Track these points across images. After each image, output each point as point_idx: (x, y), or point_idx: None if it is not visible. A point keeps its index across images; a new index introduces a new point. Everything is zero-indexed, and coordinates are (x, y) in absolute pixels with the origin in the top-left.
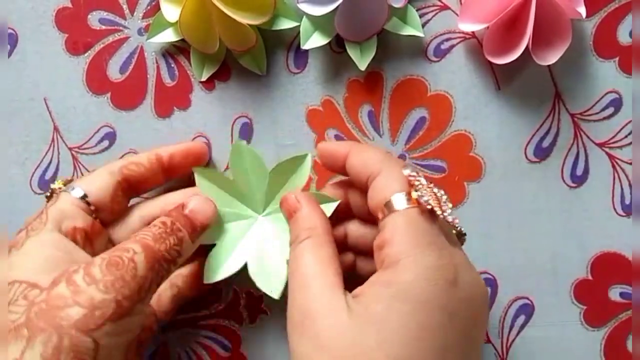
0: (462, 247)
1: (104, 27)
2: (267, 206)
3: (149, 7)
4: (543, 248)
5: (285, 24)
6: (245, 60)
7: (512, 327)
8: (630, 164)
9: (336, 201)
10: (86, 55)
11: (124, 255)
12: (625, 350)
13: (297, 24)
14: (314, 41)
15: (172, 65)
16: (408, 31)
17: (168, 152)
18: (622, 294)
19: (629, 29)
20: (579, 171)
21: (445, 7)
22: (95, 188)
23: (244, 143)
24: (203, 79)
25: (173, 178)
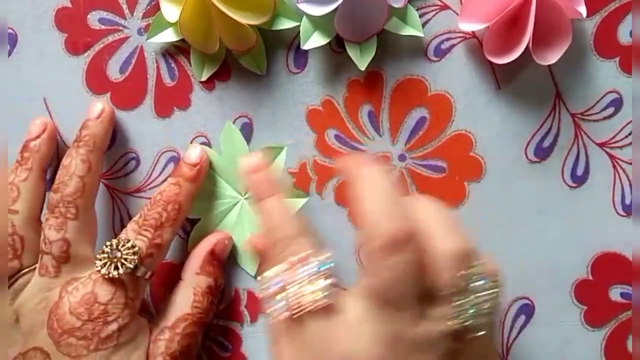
0: None
1: (104, 27)
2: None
3: (149, 7)
4: (543, 248)
5: (285, 24)
6: (245, 60)
7: (513, 328)
8: (630, 164)
9: (305, 197)
10: (86, 55)
11: None
12: (625, 350)
13: (297, 24)
14: (314, 41)
15: (172, 65)
16: (408, 31)
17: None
18: (623, 294)
19: (630, 29)
20: (580, 171)
21: (445, 7)
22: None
23: (233, 125)
24: (203, 79)
25: None
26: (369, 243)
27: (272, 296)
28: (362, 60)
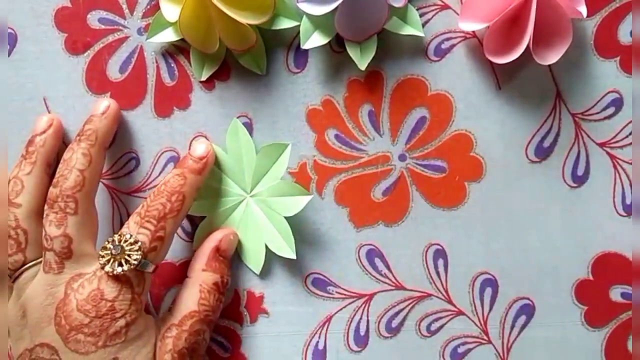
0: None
1: (104, 27)
2: (254, 188)
3: (149, 7)
4: (544, 248)
5: (285, 24)
6: (245, 59)
7: (513, 328)
8: (631, 164)
9: (309, 195)
10: (86, 54)
11: None
12: (626, 350)
13: (297, 24)
14: (314, 41)
15: (172, 65)
16: (408, 31)
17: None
18: (623, 295)
19: (630, 29)
20: (580, 171)
21: (445, 7)
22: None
23: (240, 122)
24: (203, 79)
25: None
26: None
27: None
28: (362, 59)
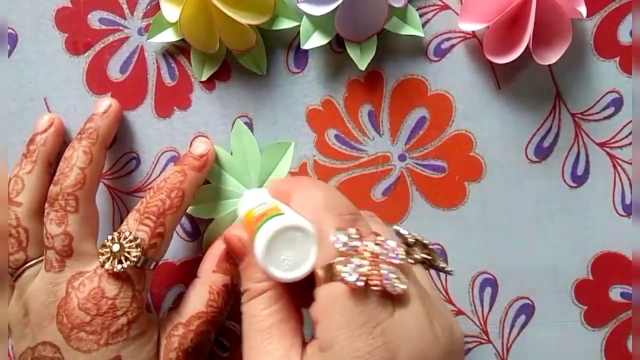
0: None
1: (104, 27)
2: (260, 187)
3: (149, 7)
4: (543, 248)
5: (285, 24)
6: (245, 60)
7: (513, 327)
8: (630, 164)
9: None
10: (86, 55)
11: None
12: (625, 350)
13: (297, 24)
14: (314, 41)
15: (173, 65)
16: (408, 31)
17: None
18: (623, 294)
19: (630, 29)
20: (580, 171)
21: (445, 7)
22: None
23: (243, 123)
24: (203, 79)
25: None
26: None
27: (348, 255)
28: (362, 60)
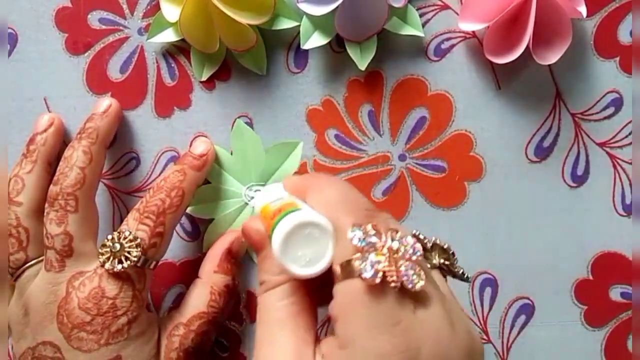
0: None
1: (104, 27)
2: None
3: (149, 7)
4: (543, 248)
5: (285, 24)
6: (245, 60)
7: (513, 327)
8: (630, 164)
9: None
10: (86, 55)
11: None
12: (625, 350)
13: (297, 24)
14: (314, 41)
15: (173, 65)
16: (408, 31)
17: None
18: (623, 294)
19: (630, 29)
20: (580, 171)
21: (445, 7)
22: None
23: (243, 123)
24: (203, 79)
25: None
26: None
27: (365, 252)
28: (362, 60)
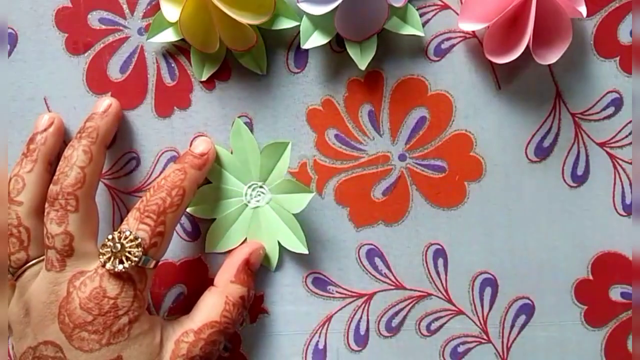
0: None
1: (104, 27)
2: (262, 185)
3: (149, 7)
4: (543, 248)
5: (285, 24)
6: (245, 59)
7: (513, 327)
8: (630, 164)
9: (312, 192)
10: (86, 55)
11: None
12: (626, 350)
13: (297, 24)
14: (314, 40)
15: (172, 65)
16: (408, 30)
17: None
18: (623, 294)
19: (630, 28)
20: (580, 171)
21: (445, 7)
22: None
23: (242, 122)
24: (203, 79)
25: None
26: None
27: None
28: (363, 59)
